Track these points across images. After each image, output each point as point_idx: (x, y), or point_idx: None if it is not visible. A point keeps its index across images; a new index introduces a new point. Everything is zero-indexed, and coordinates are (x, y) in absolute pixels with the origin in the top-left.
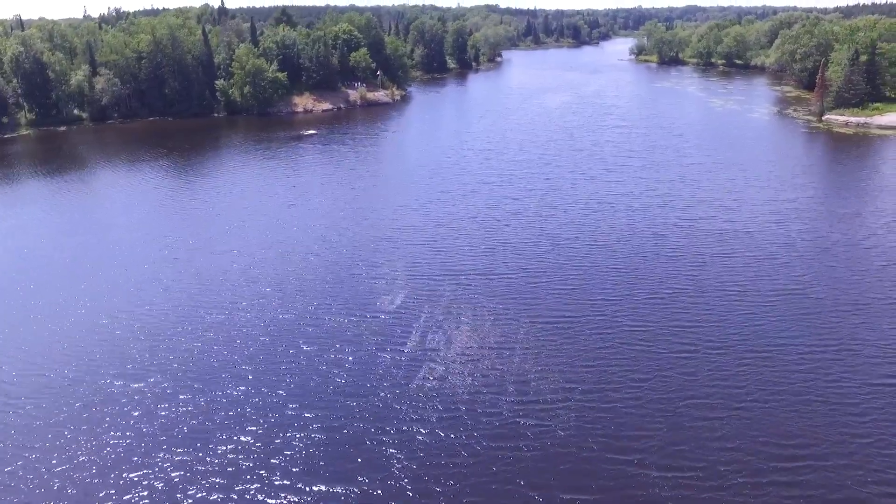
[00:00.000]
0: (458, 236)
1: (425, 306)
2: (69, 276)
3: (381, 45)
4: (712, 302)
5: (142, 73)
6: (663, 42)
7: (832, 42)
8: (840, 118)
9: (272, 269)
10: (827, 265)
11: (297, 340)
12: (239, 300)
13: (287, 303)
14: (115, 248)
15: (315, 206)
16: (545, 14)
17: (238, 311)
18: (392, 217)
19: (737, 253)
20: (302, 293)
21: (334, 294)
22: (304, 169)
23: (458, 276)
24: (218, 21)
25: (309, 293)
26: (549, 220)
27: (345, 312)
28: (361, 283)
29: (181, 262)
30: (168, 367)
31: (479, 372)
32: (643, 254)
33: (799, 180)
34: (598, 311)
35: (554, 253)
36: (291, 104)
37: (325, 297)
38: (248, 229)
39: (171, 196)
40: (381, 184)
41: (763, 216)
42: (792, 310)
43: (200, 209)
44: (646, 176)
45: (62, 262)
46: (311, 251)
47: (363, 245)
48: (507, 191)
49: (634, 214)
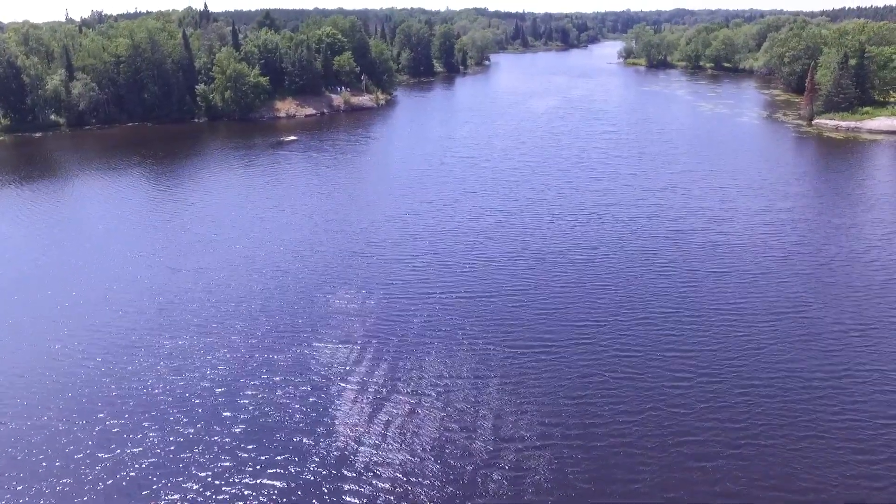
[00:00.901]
0: (436, 251)
1: (397, 330)
2: (28, 295)
3: (366, 49)
4: (706, 324)
5: (120, 78)
6: (651, 45)
7: (820, 45)
8: (830, 122)
9: (236, 290)
10: (825, 281)
11: (256, 372)
12: (197, 325)
13: (250, 328)
14: (73, 265)
15: (289, 218)
16: (533, 17)
17: (195, 337)
18: (368, 230)
19: (731, 268)
20: (266, 316)
21: (301, 318)
22: (280, 178)
23: (434, 297)
24: (200, 25)
25: (274, 316)
26: (533, 234)
27: (310, 339)
28: (330, 304)
29: (140, 281)
30: (115, 402)
31: (452, 407)
32: (632, 270)
33: (792, 188)
34: (582, 335)
35: (537, 270)
36: (273, 109)
37: (290, 321)
38: (215, 244)
39: (137, 208)
40: (359, 194)
41: (757, 227)
42: (791, 332)
43: (167, 222)
44: (634, 184)
45: (23, 278)
46: (281, 268)
47: (336, 262)
48: (490, 201)
49: (623, 227)
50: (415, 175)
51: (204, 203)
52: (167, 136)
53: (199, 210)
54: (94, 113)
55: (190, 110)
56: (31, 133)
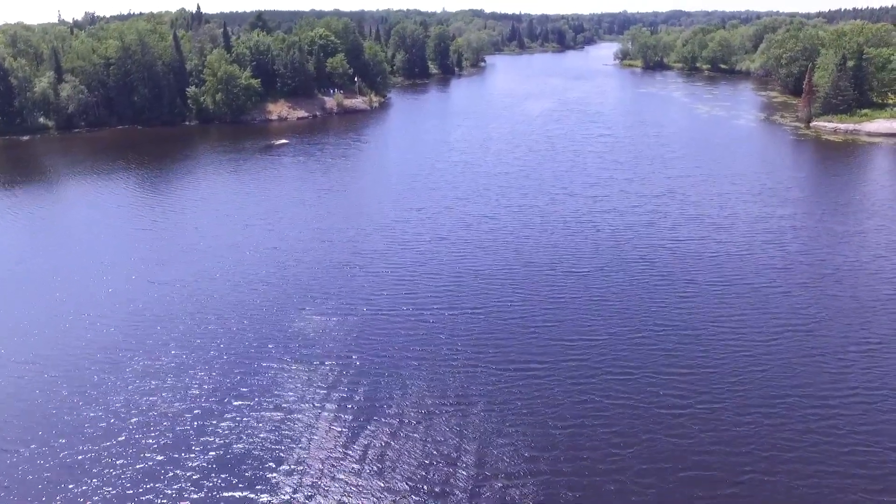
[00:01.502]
0: (423, 262)
1: (378, 349)
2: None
3: (360, 51)
4: (706, 341)
5: (110, 80)
6: (648, 47)
7: (818, 47)
8: (828, 125)
9: (214, 304)
10: (830, 294)
11: (231, 394)
12: (170, 342)
13: (225, 347)
14: (49, 275)
15: (274, 226)
16: (530, 18)
17: (167, 356)
18: (355, 239)
19: (732, 280)
20: (243, 333)
21: (279, 334)
22: (267, 183)
23: (419, 312)
24: (191, 27)
25: (251, 333)
26: (525, 243)
27: (288, 358)
28: (311, 320)
29: (116, 294)
30: (81, 427)
31: (433, 435)
32: (627, 283)
33: (793, 193)
34: (575, 354)
35: (528, 283)
36: (265, 112)
37: (268, 338)
38: (196, 254)
39: (118, 215)
40: (347, 201)
41: (758, 235)
42: (796, 351)
43: (149, 230)
44: (631, 190)
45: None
46: (262, 280)
47: (319, 273)
48: (482, 208)
49: (618, 235)
50: (406, 181)
51: (187, 210)
52: (156, 140)
53: (182, 217)
54: (84, 116)
55: (181, 113)
56: (18, 136)
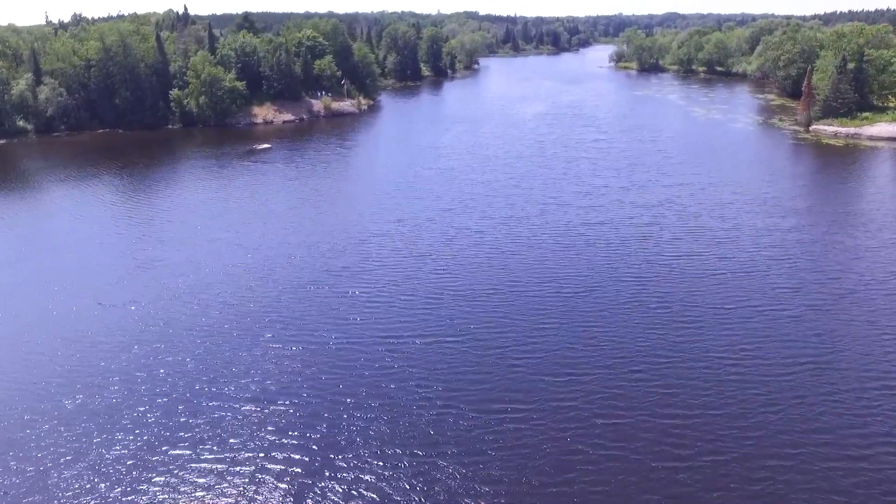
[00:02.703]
0: (399, 282)
1: (340, 385)
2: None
3: (349, 53)
4: (709, 376)
5: (91, 83)
6: (643, 49)
7: (816, 49)
8: (829, 128)
9: (165, 330)
10: (846, 319)
11: (165, 442)
12: (105, 377)
13: (170, 382)
14: None
15: (242, 240)
16: (525, 21)
17: (97, 396)
18: (328, 256)
19: (736, 303)
20: (192, 366)
21: (231, 369)
22: (242, 192)
23: (389, 341)
24: (175, 27)
25: (201, 366)
26: (510, 260)
27: (237, 397)
28: (268, 351)
29: (58, 319)
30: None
31: (397, 487)
32: (621, 307)
33: (797, 203)
34: (561, 393)
35: (512, 306)
36: (251, 115)
37: (218, 372)
38: (154, 272)
39: (80, 227)
40: (322, 212)
41: (763, 251)
42: (810, 387)
43: (109, 244)
44: (626, 200)
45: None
46: (223, 302)
47: (284, 294)
48: (466, 220)
49: (612, 251)
50: (388, 189)
51: (155, 221)
52: (137, 144)
53: (148, 229)
54: (64, 119)
55: (164, 116)
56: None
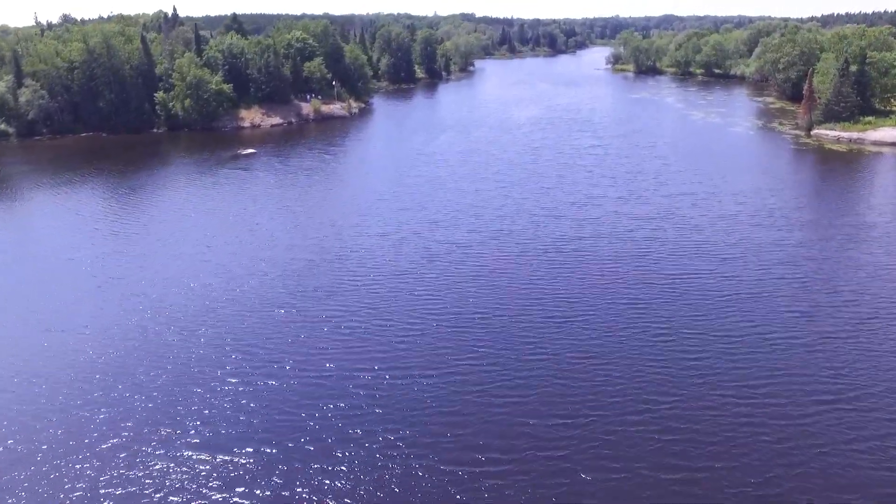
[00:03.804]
0: (376, 306)
1: (298, 430)
2: None
3: (340, 54)
4: (717, 418)
5: (74, 85)
6: (640, 51)
7: (816, 51)
8: (831, 133)
9: (112, 363)
10: (866, 349)
11: (112, 486)
12: (38, 419)
13: (108, 427)
14: None
15: (211, 257)
16: (521, 23)
17: (23, 446)
18: (300, 273)
19: (746, 331)
20: (136, 408)
21: (179, 410)
22: (218, 202)
23: (357, 378)
24: (162, 29)
25: (149, 405)
26: (499, 281)
27: (182, 446)
28: (221, 389)
29: (4, 348)
30: None
31: None
32: (618, 338)
33: (805, 215)
34: (552, 442)
35: (498, 337)
36: (238, 118)
37: (165, 413)
38: (112, 292)
39: (40, 239)
40: (299, 226)
41: (771, 269)
42: (832, 435)
43: (69, 260)
44: (623, 211)
45: None
46: (181, 328)
47: (249, 319)
48: (453, 233)
49: (608, 271)
50: (372, 200)
51: (120, 235)
52: (120, 148)
53: (112, 245)
54: (47, 122)
55: (149, 119)
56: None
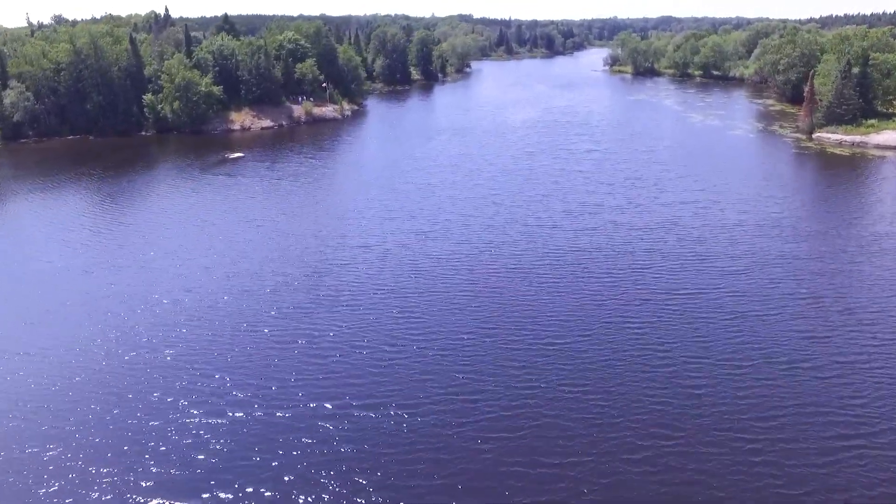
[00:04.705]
0: (354, 328)
1: (259, 476)
2: None
3: (334, 56)
4: (729, 469)
5: (61, 87)
6: (638, 52)
7: (817, 52)
8: (833, 136)
9: (64, 391)
10: (889, 379)
11: None
12: None
13: (51, 470)
14: None
15: (181, 270)
16: (519, 24)
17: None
18: (276, 292)
19: (755, 357)
20: (84, 444)
21: (129, 447)
22: (198, 209)
23: (329, 417)
24: (152, 29)
25: (96, 440)
26: (489, 300)
27: (126, 490)
28: (180, 426)
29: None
30: None
31: None
32: (616, 365)
33: (814, 225)
34: (547, 484)
35: (484, 364)
36: (228, 121)
37: (111, 450)
38: (77, 308)
39: (12, 250)
40: (280, 236)
41: (779, 285)
42: (852, 468)
43: (37, 273)
44: (622, 221)
45: None
46: (145, 351)
47: (216, 343)
48: (441, 245)
49: (606, 289)
50: (358, 208)
51: (91, 247)
52: (106, 152)
53: (83, 257)
54: (34, 125)
55: (137, 122)
56: None
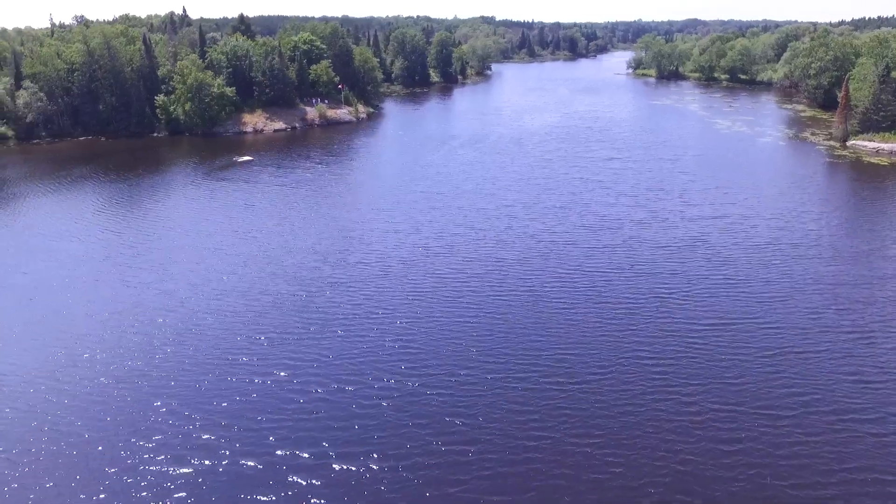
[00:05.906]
0: (345, 356)
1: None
2: None
3: (349, 57)
4: None
5: (74, 88)
6: (662, 55)
7: (851, 56)
8: (869, 144)
9: (36, 414)
10: None
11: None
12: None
13: (38, 474)
14: None
15: (164, 286)
16: (542, 26)
17: None
18: (267, 311)
19: (795, 402)
20: (55, 471)
21: (105, 479)
22: (196, 217)
23: (320, 445)
24: (167, 30)
25: (90, 463)
26: (495, 326)
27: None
28: (157, 457)
29: None
30: None
31: None
32: (637, 408)
33: (858, 244)
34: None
35: (491, 403)
36: (240, 123)
37: (85, 485)
38: (61, 324)
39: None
40: (275, 249)
41: (824, 315)
42: None
43: (25, 286)
44: (645, 237)
45: None
46: (125, 373)
47: (201, 367)
48: (447, 261)
49: (626, 315)
50: (362, 219)
51: (85, 255)
52: (116, 153)
53: (75, 269)
54: (47, 125)
55: (150, 123)
56: None
